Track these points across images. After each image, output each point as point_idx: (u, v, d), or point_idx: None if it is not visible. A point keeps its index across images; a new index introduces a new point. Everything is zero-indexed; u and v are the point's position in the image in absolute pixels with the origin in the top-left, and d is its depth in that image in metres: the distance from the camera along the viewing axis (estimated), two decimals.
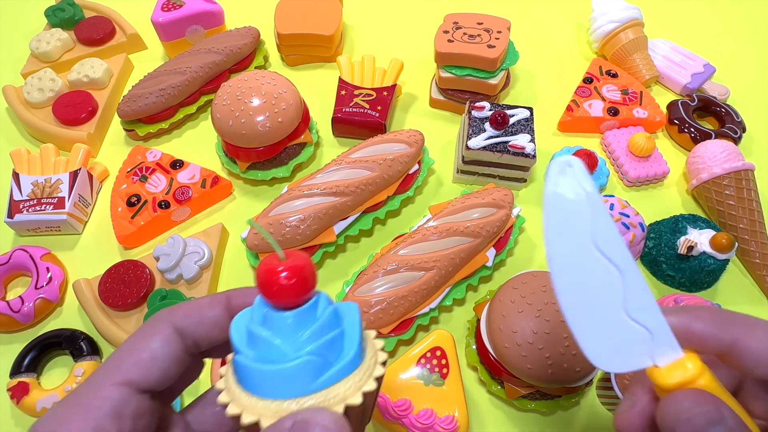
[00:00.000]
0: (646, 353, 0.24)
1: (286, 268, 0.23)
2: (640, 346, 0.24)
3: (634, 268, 0.24)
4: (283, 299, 0.23)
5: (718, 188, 0.59)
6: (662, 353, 0.24)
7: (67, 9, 0.75)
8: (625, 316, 0.24)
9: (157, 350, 0.24)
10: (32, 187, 0.59)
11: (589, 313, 0.23)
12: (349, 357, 0.23)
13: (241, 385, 0.23)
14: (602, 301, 0.24)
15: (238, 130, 0.57)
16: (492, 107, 0.60)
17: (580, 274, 0.23)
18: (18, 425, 0.49)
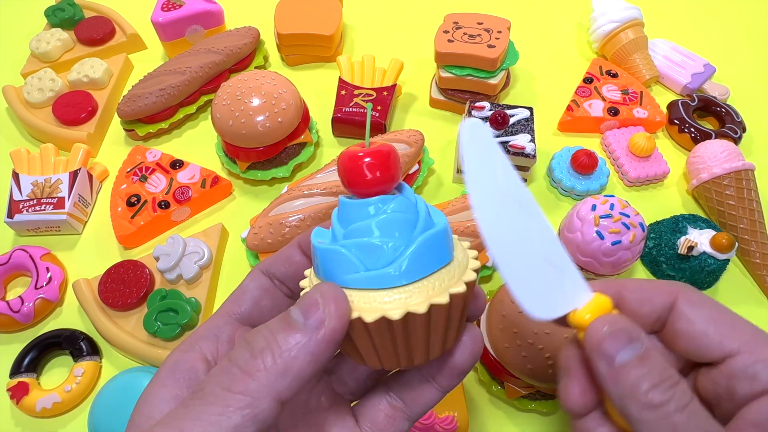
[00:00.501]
0: (563, 297, 0.25)
1: (370, 154, 0.23)
2: (558, 288, 0.25)
3: (539, 212, 0.26)
4: (369, 185, 0.23)
5: (718, 188, 0.59)
6: (576, 295, 0.25)
7: (67, 9, 0.75)
8: (540, 259, 0.25)
9: (247, 285, 0.29)
10: (32, 187, 0.59)
11: (514, 259, 0.25)
12: (439, 254, 0.23)
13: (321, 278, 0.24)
14: (520, 245, 0.25)
15: (238, 130, 0.57)
16: (492, 107, 0.60)
17: (499, 218, 0.25)
18: (18, 425, 0.49)
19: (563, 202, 0.64)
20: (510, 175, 0.25)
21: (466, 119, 0.26)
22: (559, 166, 0.63)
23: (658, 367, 0.23)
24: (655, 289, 0.27)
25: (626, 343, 0.23)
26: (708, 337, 0.25)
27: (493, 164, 0.25)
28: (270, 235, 0.52)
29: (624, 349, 0.23)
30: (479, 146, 0.25)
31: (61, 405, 0.48)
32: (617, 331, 0.24)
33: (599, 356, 0.24)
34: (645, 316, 0.27)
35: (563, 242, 0.53)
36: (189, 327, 0.51)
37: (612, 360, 0.23)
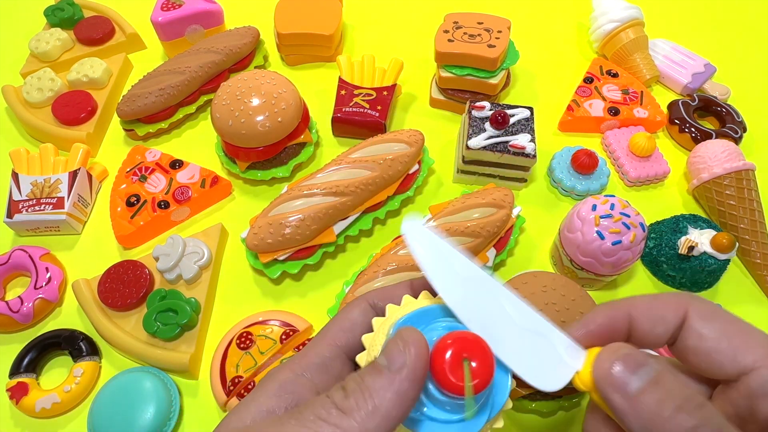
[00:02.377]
0: (562, 362, 0.25)
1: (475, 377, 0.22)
2: (553, 355, 0.25)
3: (499, 283, 0.26)
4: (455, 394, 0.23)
5: (718, 188, 0.59)
6: (572, 357, 0.25)
7: (66, 9, 0.75)
8: (523, 330, 0.25)
9: (356, 318, 0.28)
10: (31, 187, 0.59)
11: (505, 342, 0.24)
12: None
13: None
14: (504, 326, 0.25)
15: (237, 130, 0.57)
16: (492, 107, 0.60)
17: (475, 307, 0.25)
18: (17, 425, 0.49)
19: (563, 202, 0.64)
20: (461, 260, 0.26)
21: (403, 221, 0.27)
22: (560, 166, 0.63)
23: (676, 388, 0.22)
24: (665, 306, 0.26)
25: (635, 368, 0.22)
26: (721, 353, 0.24)
27: (444, 257, 0.26)
28: (270, 235, 0.52)
29: (635, 375, 0.22)
30: (425, 246, 0.26)
31: (61, 405, 0.48)
32: (622, 357, 0.23)
33: (612, 390, 0.23)
34: (659, 337, 0.26)
35: (563, 242, 0.53)
36: (188, 327, 0.51)
37: (625, 389, 0.22)
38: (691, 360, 0.25)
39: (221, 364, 0.49)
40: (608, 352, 0.24)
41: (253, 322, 0.51)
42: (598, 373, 0.23)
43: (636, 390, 0.22)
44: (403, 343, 0.22)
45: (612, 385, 0.23)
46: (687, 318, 0.25)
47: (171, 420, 0.47)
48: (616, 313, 0.26)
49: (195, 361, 0.50)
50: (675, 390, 0.22)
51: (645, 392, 0.22)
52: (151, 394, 0.47)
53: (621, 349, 0.23)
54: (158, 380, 0.48)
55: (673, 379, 0.22)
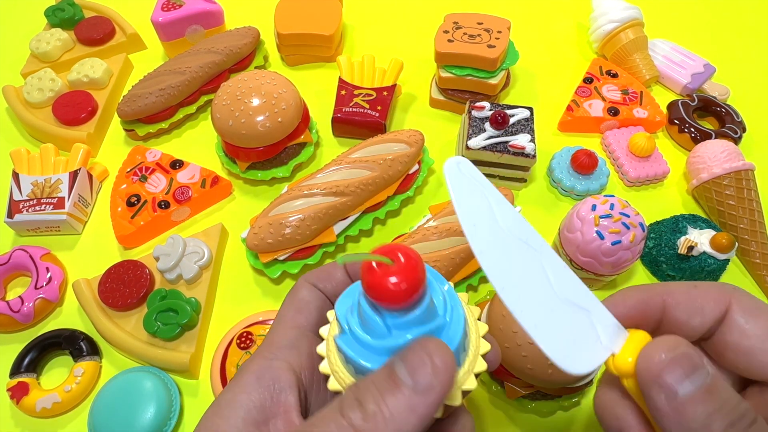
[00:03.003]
0: (597, 342, 0.22)
1: (396, 273, 0.21)
2: (589, 333, 0.22)
3: (546, 246, 0.23)
4: (393, 305, 0.22)
5: (718, 188, 0.59)
6: (610, 337, 0.22)
7: (67, 9, 0.75)
8: (561, 302, 0.22)
9: (306, 296, 0.29)
10: (32, 187, 0.59)
11: (534, 309, 0.22)
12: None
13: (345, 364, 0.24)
14: (537, 290, 0.22)
15: (237, 130, 0.57)
16: (492, 107, 0.60)
17: (507, 263, 0.22)
18: (18, 425, 0.49)
19: (563, 202, 0.64)
20: (508, 212, 0.23)
21: (449, 159, 0.23)
22: (559, 166, 0.63)
23: (731, 402, 0.20)
24: (705, 297, 0.24)
25: (690, 372, 0.20)
26: (766, 353, 0.22)
27: (487, 203, 0.23)
28: (270, 235, 0.52)
29: (688, 379, 0.20)
30: (468, 186, 0.22)
31: (61, 405, 0.48)
32: (678, 357, 0.20)
33: (658, 389, 0.20)
34: (695, 329, 0.24)
35: (563, 242, 0.53)
36: (189, 327, 0.51)
37: (674, 393, 0.20)
38: (729, 357, 0.23)
39: (221, 364, 0.49)
40: (662, 346, 0.21)
41: (253, 322, 0.51)
42: (645, 367, 0.21)
43: (686, 396, 0.20)
44: (431, 361, 0.20)
45: (660, 384, 0.20)
46: (729, 311, 0.23)
47: (171, 420, 0.47)
48: (651, 298, 0.24)
49: (195, 360, 0.51)
50: (729, 404, 0.20)
51: (696, 401, 0.20)
52: (151, 394, 0.47)
53: (678, 346, 0.21)
54: (158, 380, 0.48)
55: (727, 390, 0.20)
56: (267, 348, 0.26)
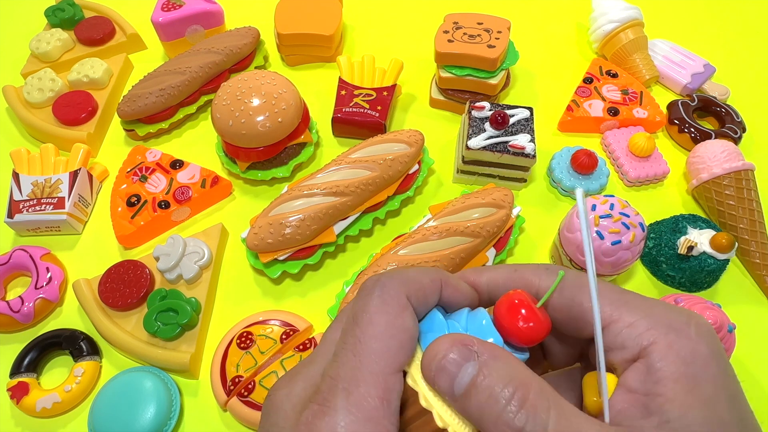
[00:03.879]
0: None
1: (538, 321, 0.23)
2: None
3: None
4: (522, 342, 0.23)
5: (718, 188, 0.59)
6: None
7: (67, 9, 0.75)
8: None
9: (412, 329, 0.23)
10: (32, 187, 0.59)
11: None
12: None
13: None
14: None
15: (238, 130, 0.57)
16: (492, 107, 0.60)
17: None
18: (18, 425, 0.49)
19: (563, 202, 0.64)
20: None
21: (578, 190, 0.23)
22: (559, 166, 0.63)
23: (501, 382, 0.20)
24: (522, 280, 0.26)
25: (454, 373, 0.21)
26: (577, 315, 0.24)
27: None
28: (270, 235, 0.52)
29: (455, 381, 0.21)
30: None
31: (61, 405, 0.48)
32: (442, 364, 0.21)
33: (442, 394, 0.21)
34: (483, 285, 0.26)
35: (563, 242, 0.53)
36: (189, 327, 0.51)
37: (453, 395, 0.21)
38: (562, 328, 0.25)
39: (222, 364, 0.49)
40: (440, 343, 0.22)
41: (253, 322, 0.51)
42: (426, 359, 0.22)
43: (461, 395, 0.21)
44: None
45: (440, 391, 0.21)
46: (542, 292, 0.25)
47: (171, 419, 0.47)
48: (478, 281, 0.26)
49: (195, 360, 0.51)
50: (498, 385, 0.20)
51: (467, 396, 0.21)
52: (151, 394, 0.47)
53: (439, 351, 0.21)
54: (159, 380, 0.48)
55: (496, 372, 0.21)
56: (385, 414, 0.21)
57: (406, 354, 0.22)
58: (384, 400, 0.21)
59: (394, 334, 0.22)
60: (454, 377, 0.21)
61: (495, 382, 0.20)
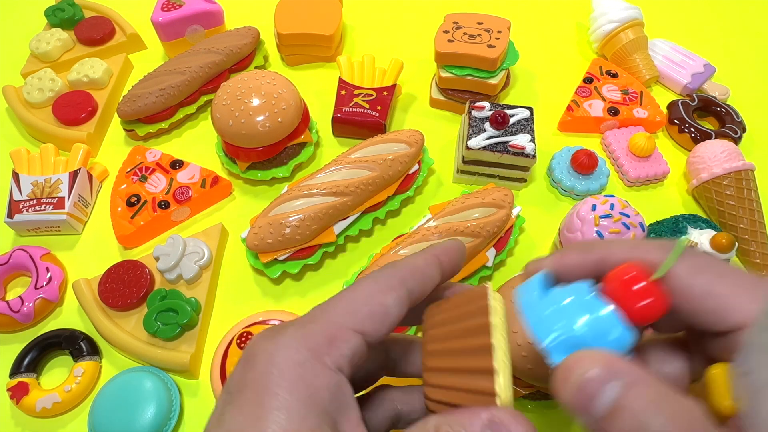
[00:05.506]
0: None
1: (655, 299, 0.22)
2: None
3: None
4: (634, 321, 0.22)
5: (718, 188, 0.59)
6: None
7: (66, 9, 0.75)
8: None
9: (392, 307, 0.24)
10: (32, 187, 0.59)
11: None
12: None
13: None
14: None
15: (238, 130, 0.57)
16: (492, 107, 0.60)
17: None
18: (18, 425, 0.49)
19: (563, 202, 0.64)
20: None
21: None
22: (559, 166, 0.63)
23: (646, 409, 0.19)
24: (646, 257, 0.23)
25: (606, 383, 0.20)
26: (708, 313, 0.22)
27: None
28: (270, 235, 0.52)
29: (604, 392, 0.20)
30: None
31: (61, 405, 0.48)
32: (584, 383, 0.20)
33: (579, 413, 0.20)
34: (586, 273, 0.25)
35: (563, 242, 0.53)
36: (189, 327, 0.51)
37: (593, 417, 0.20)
38: (677, 316, 0.24)
39: (222, 364, 0.49)
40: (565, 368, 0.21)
41: (253, 322, 0.51)
42: (557, 380, 0.21)
43: (601, 417, 0.20)
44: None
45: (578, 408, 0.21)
46: (672, 272, 0.23)
47: (171, 420, 0.47)
48: (588, 257, 0.24)
49: (195, 360, 0.51)
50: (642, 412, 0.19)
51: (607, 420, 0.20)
52: (151, 394, 0.47)
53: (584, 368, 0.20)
54: (159, 380, 0.48)
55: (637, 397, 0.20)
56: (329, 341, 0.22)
57: (373, 325, 0.23)
58: (330, 342, 0.22)
59: (368, 304, 0.24)
60: (595, 396, 0.20)
61: (645, 406, 0.19)
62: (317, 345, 0.22)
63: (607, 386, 0.20)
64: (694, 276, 0.22)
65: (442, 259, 0.26)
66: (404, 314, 0.25)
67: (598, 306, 0.22)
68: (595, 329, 0.22)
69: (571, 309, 0.22)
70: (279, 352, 0.22)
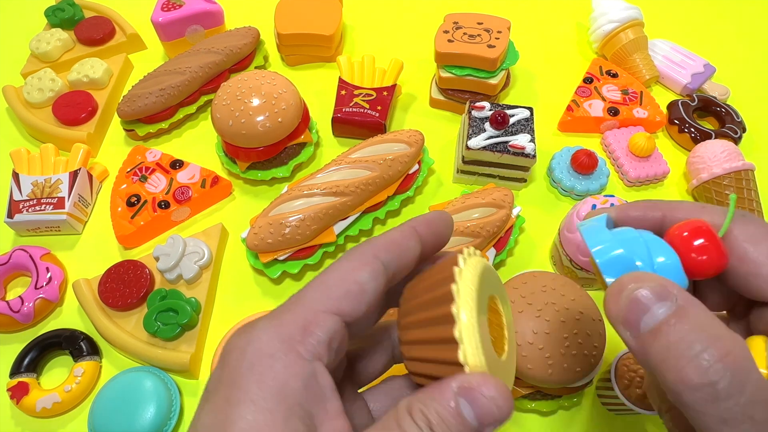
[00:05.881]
0: None
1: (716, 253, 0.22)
2: None
3: None
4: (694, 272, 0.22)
5: (718, 188, 0.59)
6: None
7: (67, 9, 0.75)
8: None
9: (366, 283, 0.23)
10: (32, 187, 0.59)
11: None
12: None
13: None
14: None
15: (238, 130, 0.57)
16: (492, 107, 0.60)
17: None
18: (18, 425, 0.49)
19: (563, 202, 0.64)
20: None
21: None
22: (559, 166, 0.63)
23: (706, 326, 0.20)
24: (710, 218, 0.24)
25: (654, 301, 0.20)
26: (762, 277, 0.23)
27: None
28: (270, 235, 0.52)
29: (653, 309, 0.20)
30: None
31: (61, 405, 0.48)
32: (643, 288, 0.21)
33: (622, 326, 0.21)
34: (649, 226, 0.25)
35: (563, 242, 0.53)
36: (189, 327, 0.51)
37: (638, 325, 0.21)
38: (730, 280, 0.24)
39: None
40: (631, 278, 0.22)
41: None
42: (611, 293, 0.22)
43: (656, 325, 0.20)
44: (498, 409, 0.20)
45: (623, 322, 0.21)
46: (732, 237, 0.24)
47: (171, 420, 0.47)
48: (652, 213, 0.25)
49: (195, 360, 0.51)
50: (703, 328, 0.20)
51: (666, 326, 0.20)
52: (151, 394, 0.47)
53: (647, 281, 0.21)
54: (159, 380, 0.48)
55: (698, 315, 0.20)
56: (303, 328, 0.22)
57: (350, 304, 0.23)
58: (304, 330, 0.22)
59: (342, 283, 0.23)
60: (645, 312, 0.20)
61: (692, 328, 0.20)
62: (290, 335, 0.22)
63: (659, 304, 0.20)
64: (753, 243, 0.23)
65: (421, 230, 0.26)
66: (382, 288, 0.24)
67: (658, 244, 0.23)
68: (652, 262, 0.23)
69: (632, 241, 0.23)
70: (250, 346, 0.21)
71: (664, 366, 0.20)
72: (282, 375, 0.20)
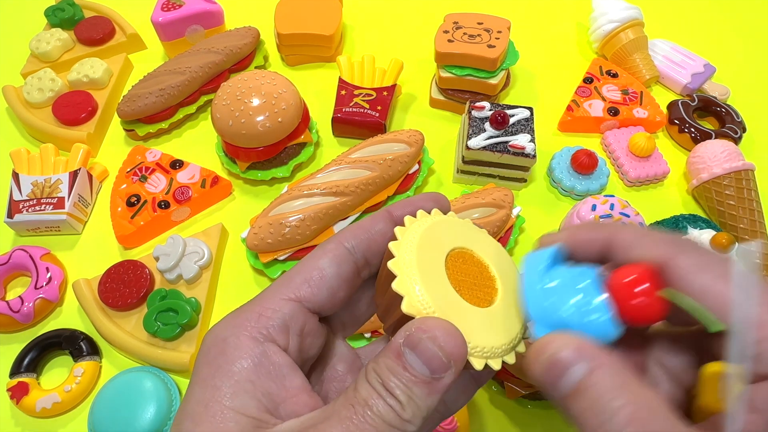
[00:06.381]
0: None
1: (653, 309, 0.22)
2: None
3: None
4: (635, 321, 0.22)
5: (718, 188, 0.59)
6: None
7: (66, 9, 0.75)
8: None
9: (326, 269, 0.24)
10: (32, 187, 0.59)
11: None
12: None
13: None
14: None
15: (237, 130, 0.57)
16: (492, 107, 0.60)
17: None
18: (18, 425, 0.49)
19: (563, 202, 0.64)
20: None
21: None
22: (559, 166, 0.63)
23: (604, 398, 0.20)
24: (648, 252, 0.23)
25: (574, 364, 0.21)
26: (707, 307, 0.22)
27: None
28: (270, 235, 0.52)
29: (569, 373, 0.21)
30: None
31: (61, 405, 0.48)
32: (551, 361, 0.22)
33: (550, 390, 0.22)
34: (594, 251, 0.25)
35: None
36: (189, 327, 0.51)
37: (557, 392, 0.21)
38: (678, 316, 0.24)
39: None
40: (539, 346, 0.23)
41: None
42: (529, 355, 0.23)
43: (563, 395, 0.21)
44: (443, 351, 0.20)
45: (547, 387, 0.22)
46: (674, 267, 0.23)
47: (171, 420, 0.47)
48: (597, 235, 0.25)
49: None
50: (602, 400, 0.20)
51: (569, 400, 0.21)
52: (151, 394, 0.47)
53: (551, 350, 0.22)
54: (159, 380, 0.48)
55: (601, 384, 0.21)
56: (257, 316, 0.23)
57: (310, 289, 0.24)
58: (259, 316, 0.23)
59: (302, 270, 0.24)
60: (562, 375, 0.21)
61: (605, 389, 0.20)
62: (245, 320, 0.23)
63: (574, 367, 0.21)
64: (696, 273, 0.22)
65: (394, 213, 0.26)
66: (351, 272, 0.25)
67: (593, 292, 0.22)
68: (582, 314, 0.22)
69: (567, 288, 0.23)
70: (209, 336, 0.23)
71: (584, 429, 0.20)
72: (231, 355, 0.22)
